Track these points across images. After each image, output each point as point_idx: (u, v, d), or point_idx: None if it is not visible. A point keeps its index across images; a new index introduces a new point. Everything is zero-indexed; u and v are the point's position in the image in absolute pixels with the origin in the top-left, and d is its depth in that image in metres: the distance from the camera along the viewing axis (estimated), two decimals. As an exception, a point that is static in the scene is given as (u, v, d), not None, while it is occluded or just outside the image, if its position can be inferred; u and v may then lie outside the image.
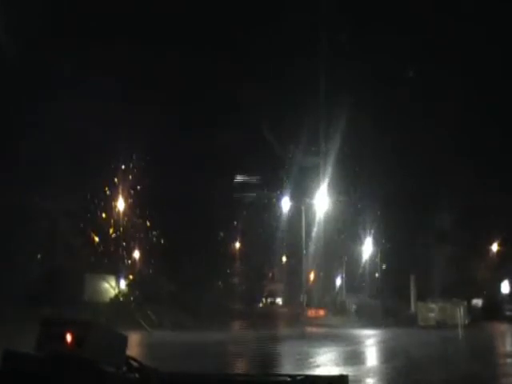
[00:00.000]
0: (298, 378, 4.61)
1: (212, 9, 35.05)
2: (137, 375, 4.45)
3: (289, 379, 4.56)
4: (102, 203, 41.16)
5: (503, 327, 37.47)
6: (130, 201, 42.26)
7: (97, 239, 38.97)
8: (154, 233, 41.99)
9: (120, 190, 42.03)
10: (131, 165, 40.02)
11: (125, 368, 4.47)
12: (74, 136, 33.32)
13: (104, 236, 39.82)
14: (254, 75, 38.43)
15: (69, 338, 4.37)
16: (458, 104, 37.74)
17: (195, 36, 37.64)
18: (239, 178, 39.69)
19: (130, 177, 41.27)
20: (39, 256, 38.64)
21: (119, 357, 4.43)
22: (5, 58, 25.99)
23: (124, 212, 42.32)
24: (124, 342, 4.57)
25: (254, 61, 37.39)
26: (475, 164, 40.86)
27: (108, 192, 41.28)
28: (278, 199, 42.55)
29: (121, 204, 42.24)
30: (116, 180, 41.52)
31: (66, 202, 34.13)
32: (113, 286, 42.73)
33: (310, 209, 40.19)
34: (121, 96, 34.62)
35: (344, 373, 4.80)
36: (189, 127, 39.94)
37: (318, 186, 40.40)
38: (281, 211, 42.85)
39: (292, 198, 41.95)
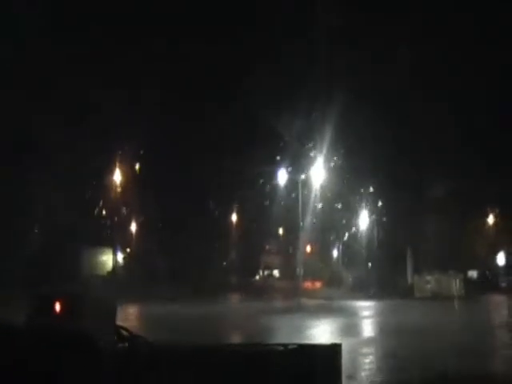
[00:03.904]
0: (290, 346, 4.57)
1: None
2: (126, 344, 4.40)
3: (281, 348, 4.52)
4: (100, 178, 41.19)
5: (498, 299, 37.65)
6: (128, 176, 42.24)
7: (94, 213, 39.03)
8: (151, 208, 42.06)
9: (118, 166, 42.00)
10: (129, 141, 39.97)
11: (115, 337, 4.43)
12: (76, 112, 33.49)
13: (101, 210, 39.87)
14: (255, 52, 38.36)
15: (58, 308, 4.32)
16: (457, 75, 37.70)
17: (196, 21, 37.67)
18: (236, 153, 39.81)
19: (129, 152, 41.26)
20: (36, 230, 38.66)
21: (109, 326, 4.38)
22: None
23: (122, 186, 42.24)
24: (114, 311, 4.53)
25: (256, 40, 37.40)
26: (473, 137, 40.88)
27: (106, 168, 41.35)
28: (275, 172, 42.48)
29: (118, 177, 42.12)
30: (114, 155, 41.54)
31: (63, 177, 34.14)
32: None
33: (306, 181, 40.11)
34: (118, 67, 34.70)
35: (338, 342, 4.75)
36: (188, 105, 39.87)
37: (314, 158, 40.30)
38: (277, 184, 42.81)
39: (289, 171, 41.87)
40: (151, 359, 4.12)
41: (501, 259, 49.50)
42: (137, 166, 41.74)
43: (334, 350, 4.55)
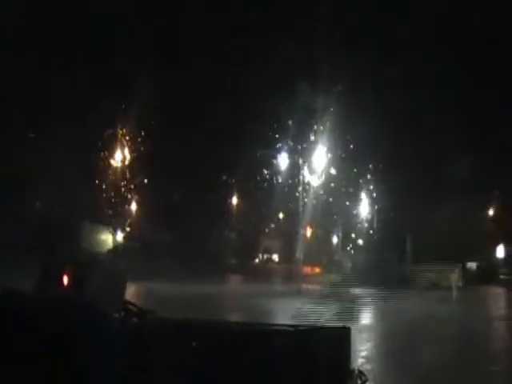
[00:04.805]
0: (301, 328, 4.52)
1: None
2: (135, 320, 4.34)
3: (291, 329, 4.47)
4: (102, 154, 41.15)
5: (496, 291, 37.79)
6: (130, 154, 42.21)
7: (95, 189, 38.96)
8: (152, 186, 42.05)
9: (119, 142, 41.92)
10: (131, 119, 39.83)
11: (123, 313, 4.36)
12: (76, 88, 33.34)
13: (102, 186, 39.83)
14: (257, 37, 38.27)
15: (66, 278, 4.26)
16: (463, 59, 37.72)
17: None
18: (238, 136, 39.72)
19: (130, 130, 41.14)
20: (38, 204, 38.64)
21: (118, 300, 4.32)
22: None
23: (123, 164, 42.20)
24: (123, 285, 4.46)
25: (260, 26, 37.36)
26: (474, 128, 40.87)
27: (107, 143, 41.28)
28: (276, 155, 42.42)
29: (119, 156, 42.09)
30: (116, 131, 41.44)
31: (65, 151, 34.05)
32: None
33: (308, 165, 40.08)
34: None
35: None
36: (190, 88, 39.75)
37: (317, 142, 40.23)
38: (279, 167, 42.74)
39: (290, 155, 41.81)
40: (161, 335, 4.05)
41: (500, 251, 49.53)
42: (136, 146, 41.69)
43: (343, 333, 4.49)
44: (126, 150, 41.78)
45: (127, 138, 41.49)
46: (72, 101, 33.11)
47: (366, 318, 21.81)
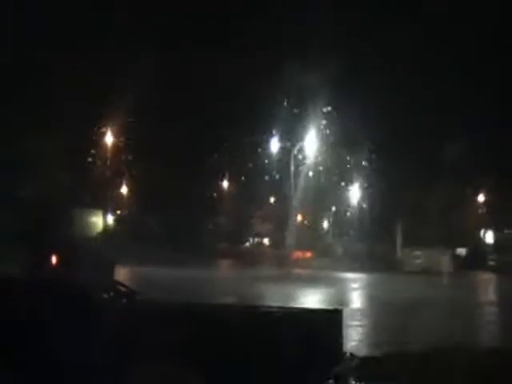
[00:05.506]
0: (293, 310, 4.48)
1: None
2: (124, 300, 4.28)
3: (283, 311, 4.42)
4: (92, 138, 40.97)
5: (485, 276, 37.98)
6: (120, 139, 42.06)
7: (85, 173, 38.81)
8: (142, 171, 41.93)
9: (110, 129, 41.79)
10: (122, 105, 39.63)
11: (112, 293, 4.31)
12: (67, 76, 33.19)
13: (92, 170, 39.69)
14: (251, 19, 38.14)
15: (55, 260, 4.20)
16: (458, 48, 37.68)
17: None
18: (230, 120, 39.65)
19: (120, 116, 40.95)
20: (28, 190, 38.44)
21: (107, 281, 4.27)
22: None
23: (112, 149, 42.05)
24: (112, 266, 4.41)
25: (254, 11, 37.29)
26: (466, 117, 40.84)
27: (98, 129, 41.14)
28: (268, 141, 42.29)
29: (109, 139, 41.90)
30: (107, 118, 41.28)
31: (55, 137, 33.89)
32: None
33: (299, 150, 40.02)
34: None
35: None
36: (182, 76, 39.56)
37: (308, 127, 40.11)
38: (270, 153, 42.61)
39: (281, 140, 41.69)
40: (149, 315, 3.99)
41: (489, 237, 49.71)
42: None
43: (334, 315, 4.45)
44: (117, 135, 41.68)
45: (118, 123, 41.39)
46: (66, 88, 33.04)
47: (356, 303, 21.88)
